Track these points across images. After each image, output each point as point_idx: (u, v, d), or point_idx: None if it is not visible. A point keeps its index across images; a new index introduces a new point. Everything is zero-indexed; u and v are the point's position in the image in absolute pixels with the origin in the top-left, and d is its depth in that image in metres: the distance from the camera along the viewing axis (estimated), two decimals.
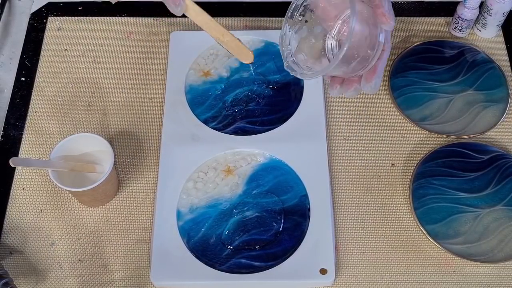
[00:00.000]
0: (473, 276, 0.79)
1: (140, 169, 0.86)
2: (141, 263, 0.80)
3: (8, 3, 1.05)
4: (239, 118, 0.89)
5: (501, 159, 0.85)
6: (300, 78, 0.70)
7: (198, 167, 0.84)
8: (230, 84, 0.92)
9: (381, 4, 0.66)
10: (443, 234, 0.80)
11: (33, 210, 0.83)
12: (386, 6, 0.66)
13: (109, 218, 0.83)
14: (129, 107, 0.92)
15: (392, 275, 0.79)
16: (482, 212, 0.81)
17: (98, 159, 0.82)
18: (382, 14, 0.66)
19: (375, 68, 0.68)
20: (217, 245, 0.79)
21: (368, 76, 0.68)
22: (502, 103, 0.91)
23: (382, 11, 0.66)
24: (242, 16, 1.01)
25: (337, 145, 0.88)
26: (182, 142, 0.86)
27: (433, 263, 0.79)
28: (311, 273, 0.76)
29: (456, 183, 0.83)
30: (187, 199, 0.82)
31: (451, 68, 0.93)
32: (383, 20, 0.66)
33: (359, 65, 0.67)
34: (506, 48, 0.97)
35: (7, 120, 0.91)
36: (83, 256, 0.80)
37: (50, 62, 0.96)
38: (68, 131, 0.89)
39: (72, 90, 0.93)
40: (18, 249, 0.81)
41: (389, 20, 0.66)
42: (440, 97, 0.91)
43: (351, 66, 0.67)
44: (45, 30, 0.99)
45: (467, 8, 0.93)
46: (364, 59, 0.67)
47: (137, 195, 0.84)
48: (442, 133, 0.88)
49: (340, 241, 0.81)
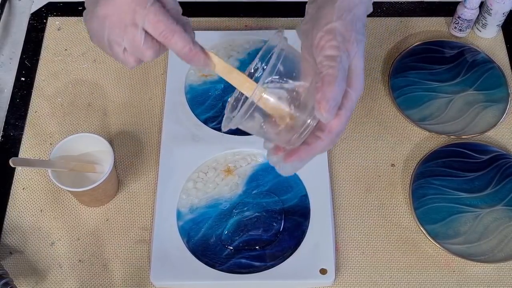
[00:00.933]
0: (473, 276, 0.79)
1: (140, 169, 0.86)
2: (141, 263, 0.80)
3: (8, 3, 1.05)
4: None
5: (501, 159, 0.85)
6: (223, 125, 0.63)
7: (198, 167, 0.84)
8: (230, 84, 0.91)
9: (321, 89, 0.56)
10: (443, 234, 0.80)
11: (33, 210, 0.83)
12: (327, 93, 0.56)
13: (109, 218, 0.83)
14: (129, 107, 0.92)
15: (392, 275, 0.79)
16: (482, 212, 0.81)
17: (98, 159, 0.82)
18: (318, 100, 0.56)
19: (297, 151, 0.59)
20: (217, 245, 0.79)
21: (288, 155, 0.60)
22: (502, 103, 0.91)
23: (319, 97, 0.56)
24: (242, 16, 1.01)
25: (337, 145, 0.88)
26: (182, 142, 0.86)
27: (433, 263, 0.79)
28: (311, 273, 0.76)
29: (456, 183, 0.83)
30: (187, 199, 0.82)
31: (451, 68, 0.93)
32: (318, 107, 0.56)
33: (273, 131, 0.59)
34: (506, 48, 0.97)
35: (7, 120, 0.91)
36: (83, 256, 0.80)
37: (50, 62, 0.96)
38: (68, 131, 0.89)
39: (72, 90, 0.93)
40: (18, 249, 0.81)
41: (323, 109, 0.56)
42: (440, 97, 0.91)
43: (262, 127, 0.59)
44: (45, 30, 0.99)
45: (467, 8, 0.93)
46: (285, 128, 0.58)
47: (137, 195, 0.84)
48: (442, 133, 0.88)
49: (340, 241, 0.81)
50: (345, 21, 0.60)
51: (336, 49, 0.58)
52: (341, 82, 0.57)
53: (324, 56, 0.58)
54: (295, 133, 0.59)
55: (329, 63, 0.57)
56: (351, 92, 0.58)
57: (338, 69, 0.57)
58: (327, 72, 0.57)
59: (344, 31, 0.59)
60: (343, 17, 0.60)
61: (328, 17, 0.60)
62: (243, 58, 0.94)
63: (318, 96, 0.56)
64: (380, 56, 0.96)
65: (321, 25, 0.60)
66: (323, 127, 0.59)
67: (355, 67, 0.59)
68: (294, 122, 0.59)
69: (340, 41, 0.58)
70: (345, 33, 0.59)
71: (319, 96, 0.56)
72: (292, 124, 0.59)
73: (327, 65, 0.57)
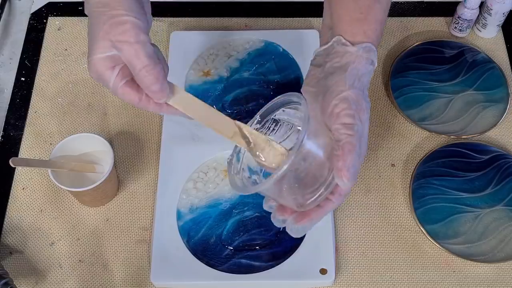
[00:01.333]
0: (473, 276, 0.78)
1: (140, 169, 0.86)
2: (141, 263, 0.80)
3: (8, 3, 1.05)
4: (239, 118, 0.88)
5: (501, 159, 0.85)
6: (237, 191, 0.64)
7: (198, 167, 0.84)
8: (230, 84, 0.92)
9: (342, 157, 0.58)
10: (443, 234, 0.80)
11: (33, 210, 0.83)
12: (348, 161, 0.58)
13: (109, 218, 0.83)
14: (129, 107, 0.92)
15: (392, 275, 0.79)
16: (482, 212, 0.81)
17: (98, 159, 0.82)
18: (339, 168, 0.58)
19: (309, 214, 0.61)
20: (217, 245, 0.79)
21: (299, 217, 0.61)
22: (502, 103, 0.91)
23: (341, 165, 0.58)
24: (242, 16, 1.01)
25: None
26: (182, 142, 0.86)
27: (433, 263, 0.79)
28: (311, 273, 0.76)
29: (456, 183, 0.83)
30: (187, 199, 0.82)
31: (451, 68, 0.93)
32: (339, 174, 0.58)
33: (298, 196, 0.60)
34: (506, 48, 0.97)
35: (7, 120, 0.91)
36: (83, 256, 0.80)
37: (50, 62, 0.96)
38: (68, 131, 0.89)
39: (72, 90, 0.93)
40: (18, 249, 0.81)
41: (345, 177, 0.58)
42: (440, 97, 0.91)
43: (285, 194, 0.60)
44: (45, 30, 0.99)
45: (467, 8, 0.93)
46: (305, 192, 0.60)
47: (137, 195, 0.84)
48: (442, 133, 0.88)
49: (340, 241, 0.81)
50: (356, 90, 0.62)
51: (352, 118, 0.60)
52: (358, 150, 0.60)
53: (341, 124, 0.60)
54: (309, 197, 0.61)
55: (347, 131, 0.59)
56: (361, 157, 0.61)
57: (356, 138, 0.59)
58: (346, 141, 0.59)
59: (357, 100, 0.62)
60: (354, 85, 0.62)
61: (341, 85, 0.62)
62: (243, 58, 0.94)
63: (340, 165, 0.58)
64: (380, 56, 0.96)
65: (334, 93, 0.62)
66: (334, 190, 0.61)
67: (363, 133, 0.62)
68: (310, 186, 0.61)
69: (355, 109, 0.61)
70: (358, 101, 0.62)
71: (341, 165, 0.58)
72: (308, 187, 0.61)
73: (345, 134, 0.59)
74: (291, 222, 0.62)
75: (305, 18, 1.00)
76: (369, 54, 0.64)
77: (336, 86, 0.62)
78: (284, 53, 0.94)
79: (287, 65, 0.93)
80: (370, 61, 0.64)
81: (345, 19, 0.66)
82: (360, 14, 0.65)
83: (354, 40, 0.65)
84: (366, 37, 0.65)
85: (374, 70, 0.66)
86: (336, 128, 0.60)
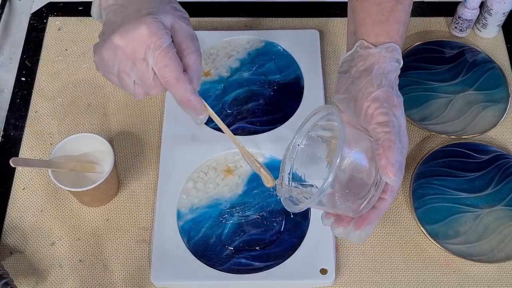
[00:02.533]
0: (473, 276, 0.78)
1: (140, 169, 0.86)
2: (141, 263, 0.80)
3: (8, 3, 1.05)
4: (239, 118, 0.89)
5: (501, 159, 0.85)
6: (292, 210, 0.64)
7: (198, 167, 0.84)
8: (230, 84, 0.92)
9: (384, 155, 0.59)
10: (443, 234, 0.80)
11: (33, 210, 0.83)
12: (390, 157, 0.59)
13: (109, 218, 0.83)
14: (129, 107, 0.92)
15: (392, 275, 0.79)
16: (482, 212, 0.81)
17: (98, 159, 0.82)
18: (384, 166, 0.59)
19: (367, 217, 0.62)
20: (217, 245, 0.79)
21: (358, 223, 0.62)
22: (502, 103, 0.91)
23: (384, 163, 0.59)
24: (242, 16, 1.01)
25: None
26: (182, 142, 0.86)
27: (433, 263, 0.79)
28: (311, 273, 0.76)
29: (456, 183, 0.83)
30: (187, 199, 0.82)
31: (451, 68, 0.93)
32: (384, 172, 0.59)
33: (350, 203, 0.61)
34: (506, 48, 0.97)
35: (7, 120, 0.91)
36: (83, 256, 0.80)
37: (50, 62, 0.96)
38: (68, 131, 0.89)
39: (72, 90, 0.93)
40: (18, 249, 0.81)
41: (391, 174, 0.59)
42: (440, 97, 0.91)
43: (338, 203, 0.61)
44: (45, 30, 0.99)
45: (467, 8, 0.93)
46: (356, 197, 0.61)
47: (137, 195, 0.85)
48: (442, 133, 0.88)
49: (340, 241, 0.81)
50: (385, 87, 0.63)
51: (386, 115, 0.61)
52: (399, 145, 0.60)
53: (377, 124, 0.61)
54: (362, 201, 0.61)
55: (384, 129, 0.60)
56: (403, 150, 0.61)
57: (393, 133, 0.60)
58: (385, 138, 0.60)
59: (387, 97, 0.63)
60: (382, 84, 0.63)
61: (369, 87, 0.63)
62: (243, 58, 0.94)
63: (383, 162, 0.59)
64: None
65: (364, 95, 0.63)
66: (385, 188, 0.62)
67: (401, 127, 0.62)
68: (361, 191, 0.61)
69: (387, 106, 0.62)
70: (389, 98, 0.63)
71: (384, 162, 0.59)
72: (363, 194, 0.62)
73: (382, 132, 0.60)
74: (352, 230, 0.62)
75: (305, 18, 1.00)
76: (392, 53, 0.65)
77: (365, 89, 0.63)
78: (284, 53, 0.94)
79: (287, 65, 0.93)
80: (395, 59, 0.66)
81: (368, 21, 0.67)
82: (382, 16, 0.67)
83: (377, 42, 0.66)
84: (389, 38, 0.66)
85: (400, 67, 0.67)
86: (373, 128, 0.61)
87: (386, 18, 0.67)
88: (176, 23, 0.63)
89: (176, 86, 0.62)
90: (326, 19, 1.00)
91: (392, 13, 0.67)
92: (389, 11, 0.67)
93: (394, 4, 0.67)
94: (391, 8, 0.67)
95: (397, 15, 0.67)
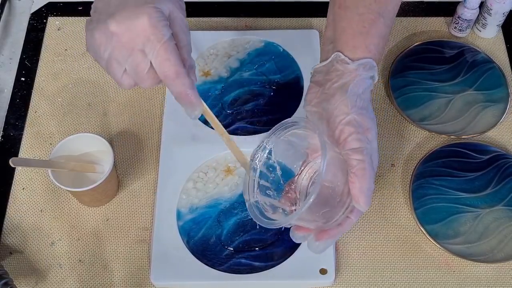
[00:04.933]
0: (473, 276, 0.79)
1: (140, 169, 0.86)
2: (141, 263, 0.80)
3: (8, 3, 1.05)
4: (239, 118, 0.89)
5: (501, 159, 0.85)
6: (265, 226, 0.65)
7: (198, 167, 0.84)
8: (230, 84, 0.92)
9: (357, 184, 0.60)
10: (443, 234, 0.80)
11: (33, 210, 0.83)
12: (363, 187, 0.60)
13: (109, 218, 0.83)
14: (129, 107, 0.92)
15: (392, 275, 0.79)
16: (482, 212, 0.81)
17: (98, 159, 0.82)
18: (356, 195, 0.60)
19: (329, 232, 0.63)
20: (217, 245, 0.79)
21: (320, 235, 0.63)
22: (502, 103, 0.91)
23: (357, 192, 0.60)
24: (242, 16, 1.01)
25: None
26: (182, 142, 0.86)
27: (433, 263, 0.79)
28: (311, 273, 0.76)
29: (456, 183, 0.83)
30: (187, 199, 0.82)
31: (451, 68, 0.93)
32: (356, 200, 0.61)
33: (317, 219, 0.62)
34: (506, 48, 0.97)
35: (7, 120, 0.91)
36: (83, 256, 0.80)
37: (50, 62, 0.96)
38: (68, 131, 0.89)
39: (72, 90, 0.93)
40: (18, 249, 0.81)
41: (362, 203, 0.60)
42: (440, 97, 0.91)
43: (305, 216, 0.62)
44: (45, 30, 0.99)
45: (467, 8, 0.93)
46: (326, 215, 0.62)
47: (137, 195, 0.85)
48: (442, 133, 0.88)
49: (340, 241, 0.81)
50: (359, 109, 0.63)
51: (359, 141, 0.61)
52: (371, 171, 0.61)
53: (350, 150, 0.61)
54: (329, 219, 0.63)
55: (357, 156, 0.61)
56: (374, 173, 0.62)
57: (366, 161, 0.61)
58: (358, 167, 0.60)
59: (361, 120, 0.62)
60: (357, 105, 0.63)
61: (343, 108, 0.63)
62: (243, 58, 0.94)
63: (355, 191, 0.60)
64: None
65: (338, 117, 0.63)
66: (352, 207, 0.63)
67: (373, 149, 0.63)
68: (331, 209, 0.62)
69: (361, 132, 0.62)
70: (363, 122, 0.63)
71: (356, 191, 0.60)
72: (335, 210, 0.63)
73: (355, 160, 0.61)
74: (312, 239, 0.63)
75: (305, 18, 1.00)
76: (368, 71, 0.64)
77: (339, 110, 0.63)
78: (284, 53, 0.94)
79: (287, 65, 0.93)
80: (370, 77, 0.64)
81: (348, 32, 0.66)
82: (363, 28, 0.65)
83: (354, 56, 0.65)
84: (368, 51, 0.65)
85: (374, 83, 0.66)
86: (346, 153, 0.61)
87: (367, 30, 0.65)
88: (173, 12, 0.61)
89: (175, 81, 0.61)
90: (326, 19, 0.99)
91: (373, 26, 0.66)
92: (370, 24, 0.65)
93: (376, 17, 0.66)
94: (372, 20, 0.66)
95: (379, 28, 0.66)
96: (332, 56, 0.66)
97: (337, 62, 0.65)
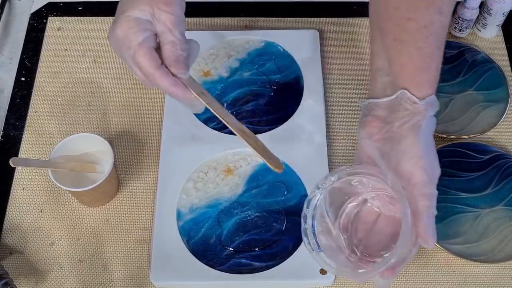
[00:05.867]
0: (473, 276, 0.78)
1: (140, 169, 0.86)
2: (141, 263, 0.80)
3: (8, 3, 1.05)
4: (239, 118, 0.88)
5: (501, 159, 0.85)
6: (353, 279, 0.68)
7: (198, 167, 0.84)
8: (230, 84, 0.92)
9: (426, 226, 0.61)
10: (443, 234, 0.80)
11: (33, 210, 0.83)
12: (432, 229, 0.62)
13: (109, 218, 0.83)
14: (129, 107, 0.92)
15: None
16: (482, 212, 0.81)
17: (98, 159, 0.82)
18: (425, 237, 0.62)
19: (395, 268, 0.64)
20: (217, 245, 0.79)
21: (387, 273, 0.64)
22: (502, 103, 0.91)
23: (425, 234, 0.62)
24: (242, 16, 1.01)
25: (338, 145, 0.88)
26: (182, 142, 0.86)
27: (433, 263, 0.79)
28: (311, 273, 0.76)
29: (456, 183, 0.83)
30: (187, 199, 0.82)
31: (451, 68, 0.93)
32: (425, 242, 0.62)
33: None
34: (506, 48, 0.97)
35: (7, 120, 0.91)
36: (83, 256, 0.80)
37: (50, 62, 0.96)
38: (68, 131, 0.89)
39: (72, 90, 0.93)
40: (18, 249, 0.81)
41: (429, 241, 0.62)
42: (440, 97, 0.91)
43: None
44: (45, 30, 0.99)
45: (467, 8, 0.93)
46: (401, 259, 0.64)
47: (137, 195, 0.84)
48: (442, 133, 0.88)
49: None
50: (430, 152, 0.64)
51: (429, 187, 0.63)
52: (434, 211, 0.62)
53: (421, 195, 0.62)
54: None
55: (426, 202, 0.62)
56: None
57: (433, 206, 0.62)
58: (428, 213, 0.62)
59: (430, 162, 0.63)
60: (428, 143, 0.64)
61: (415, 150, 0.63)
62: (243, 58, 0.94)
63: (425, 234, 0.61)
64: None
65: (410, 160, 0.63)
66: None
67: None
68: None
69: (431, 176, 0.63)
70: (431, 163, 0.63)
71: (426, 234, 0.61)
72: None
73: (425, 205, 0.62)
74: (378, 277, 0.65)
75: (305, 18, 1.00)
76: (434, 108, 0.64)
77: (411, 152, 0.63)
78: (284, 53, 0.94)
79: (287, 65, 0.93)
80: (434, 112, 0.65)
81: (409, 68, 0.64)
82: (424, 63, 0.64)
83: (420, 94, 0.64)
84: (430, 88, 0.64)
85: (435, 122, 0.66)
86: (414, 196, 0.62)
87: (427, 65, 0.63)
88: (156, 13, 0.64)
89: (158, 81, 0.65)
90: (326, 19, 1.00)
91: (433, 60, 0.64)
92: (430, 58, 0.63)
93: (434, 50, 0.64)
94: (431, 54, 0.63)
95: (437, 61, 0.64)
96: (398, 93, 0.65)
97: (405, 101, 0.64)
